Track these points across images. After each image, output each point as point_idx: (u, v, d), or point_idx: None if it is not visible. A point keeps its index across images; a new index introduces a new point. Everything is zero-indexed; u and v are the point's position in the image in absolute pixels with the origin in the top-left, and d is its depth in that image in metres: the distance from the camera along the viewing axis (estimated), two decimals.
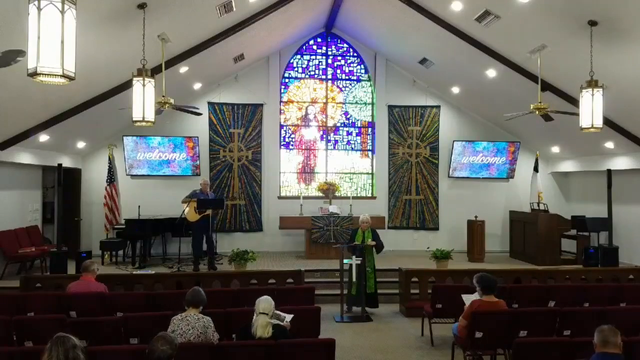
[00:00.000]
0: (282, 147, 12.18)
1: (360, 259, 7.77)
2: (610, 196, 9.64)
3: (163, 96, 7.50)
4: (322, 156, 12.35)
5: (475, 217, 10.92)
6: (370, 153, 12.42)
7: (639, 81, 7.55)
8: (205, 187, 9.92)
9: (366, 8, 10.18)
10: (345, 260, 7.84)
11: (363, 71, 12.35)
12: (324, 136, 12.35)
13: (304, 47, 12.19)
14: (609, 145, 9.88)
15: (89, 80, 7.51)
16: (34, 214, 10.56)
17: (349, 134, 12.41)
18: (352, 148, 12.41)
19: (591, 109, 6.69)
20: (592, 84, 6.69)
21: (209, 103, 11.61)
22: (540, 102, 7.75)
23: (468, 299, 5.37)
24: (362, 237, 8.00)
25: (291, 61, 12.17)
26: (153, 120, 6.73)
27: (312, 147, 12.35)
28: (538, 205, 11.29)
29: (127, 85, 7.85)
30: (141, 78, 6.55)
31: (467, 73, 10.34)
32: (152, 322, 4.67)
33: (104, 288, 5.90)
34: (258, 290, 6.17)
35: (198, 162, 11.44)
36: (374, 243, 7.96)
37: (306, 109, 12.36)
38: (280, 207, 11.57)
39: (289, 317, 4.62)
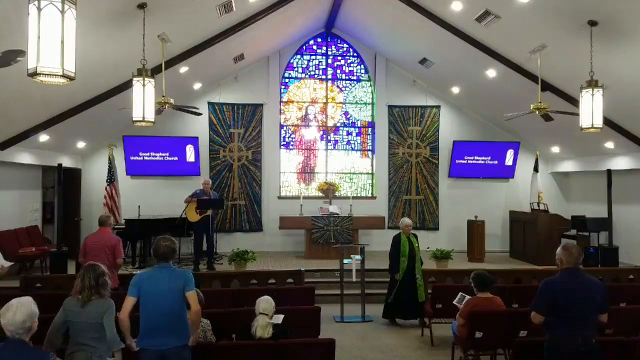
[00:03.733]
0: (282, 147, 12.18)
1: (360, 258, 7.78)
2: (610, 196, 9.65)
3: (163, 96, 7.49)
4: (322, 156, 12.35)
5: (475, 217, 10.92)
6: (370, 153, 12.42)
7: (639, 81, 7.55)
8: (207, 187, 9.93)
9: (366, 8, 10.18)
10: (345, 260, 7.84)
11: (363, 71, 12.35)
12: (324, 136, 12.35)
13: (304, 47, 12.19)
14: (609, 145, 9.87)
15: (89, 80, 7.51)
16: (34, 214, 10.56)
17: (349, 134, 12.41)
18: (352, 148, 12.41)
19: (591, 109, 6.68)
20: (592, 84, 6.69)
21: (209, 103, 11.61)
22: (540, 102, 7.75)
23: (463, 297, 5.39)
24: (408, 242, 7.40)
25: (291, 61, 12.17)
26: (153, 120, 6.72)
27: (312, 147, 12.35)
28: (538, 205, 11.29)
29: (127, 85, 7.85)
30: (141, 78, 6.54)
31: (467, 73, 10.34)
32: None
33: (117, 240, 6.22)
34: (258, 290, 6.17)
35: (198, 162, 11.43)
36: (421, 274, 7.38)
37: (306, 109, 12.36)
38: (280, 207, 11.56)
39: (280, 318, 4.58)
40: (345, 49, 12.31)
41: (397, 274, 7.32)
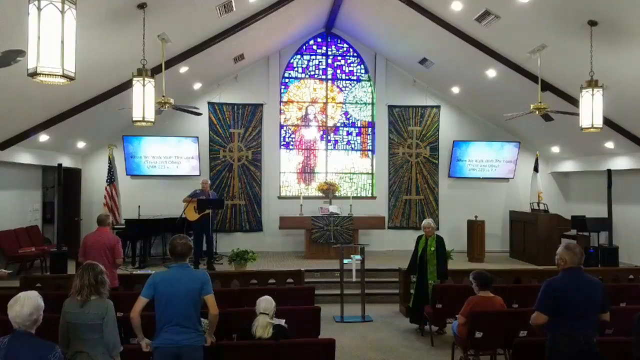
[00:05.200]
0: (282, 147, 12.18)
1: (360, 258, 7.77)
2: (610, 196, 9.64)
3: (163, 96, 7.50)
4: (322, 156, 12.35)
5: (475, 217, 10.92)
6: (370, 153, 12.42)
7: (639, 81, 7.55)
8: (206, 187, 9.93)
9: (366, 8, 10.18)
10: (345, 260, 7.84)
11: (363, 71, 12.35)
12: (324, 136, 12.34)
13: (304, 47, 12.18)
14: (609, 145, 9.88)
15: (89, 80, 7.51)
16: (34, 214, 10.56)
17: (349, 134, 12.41)
18: (352, 148, 12.41)
19: (591, 109, 6.68)
20: (592, 84, 6.69)
21: (209, 103, 11.61)
22: (540, 102, 7.76)
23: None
24: (424, 245, 7.02)
25: (291, 61, 12.17)
26: (153, 120, 6.72)
27: (312, 147, 12.35)
28: (538, 205, 11.29)
29: (127, 85, 7.85)
30: (141, 78, 6.54)
31: (467, 73, 10.34)
32: (152, 322, 4.66)
33: (116, 240, 6.20)
34: (258, 290, 6.16)
35: (198, 162, 11.43)
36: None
37: (306, 109, 12.36)
38: (280, 207, 11.56)
39: (282, 322, 4.57)
40: (345, 49, 12.31)
41: (412, 275, 7.17)
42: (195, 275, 3.86)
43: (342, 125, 12.41)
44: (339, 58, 12.33)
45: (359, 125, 12.42)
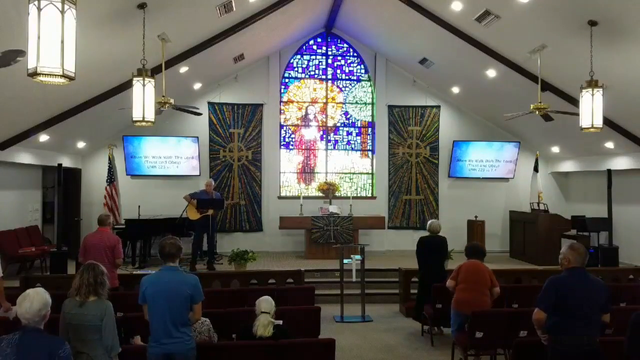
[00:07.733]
0: (282, 147, 12.18)
1: (360, 258, 7.78)
2: (610, 196, 9.65)
3: (163, 96, 7.49)
4: (322, 156, 12.35)
5: (475, 217, 10.92)
6: (370, 153, 12.42)
7: (639, 81, 7.55)
8: (209, 187, 9.93)
9: (366, 8, 10.18)
10: (345, 260, 7.84)
11: (363, 71, 12.34)
12: (324, 136, 12.34)
13: (304, 47, 12.18)
14: (609, 145, 9.88)
15: (89, 80, 7.50)
16: (34, 214, 10.56)
17: (349, 134, 12.41)
18: (352, 148, 12.40)
19: (591, 109, 6.68)
20: (592, 84, 6.68)
21: (209, 103, 11.61)
22: (540, 102, 7.75)
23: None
24: None
25: (291, 61, 12.17)
26: (153, 120, 6.72)
27: (312, 147, 12.34)
28: (538, 205, 11.29)
29: (127, 85, 7.84)
30: (141, 78, 6.54)
31: (467, 73, 10.34)
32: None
33: (116, 240, 6.19)
34: (258, 290, 6.17)
35: (198, 162, 11.43)
36: None
37: (306, 109, 12.35)
38: (280, 207, 11.56)
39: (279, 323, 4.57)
40: (345, 49, 12.31)
41: None
42: (184, 279, 3.81)
43: (342, 125, 12.40)
44: (339, 58, 12.33)
45: (359, 125, 12.42)
